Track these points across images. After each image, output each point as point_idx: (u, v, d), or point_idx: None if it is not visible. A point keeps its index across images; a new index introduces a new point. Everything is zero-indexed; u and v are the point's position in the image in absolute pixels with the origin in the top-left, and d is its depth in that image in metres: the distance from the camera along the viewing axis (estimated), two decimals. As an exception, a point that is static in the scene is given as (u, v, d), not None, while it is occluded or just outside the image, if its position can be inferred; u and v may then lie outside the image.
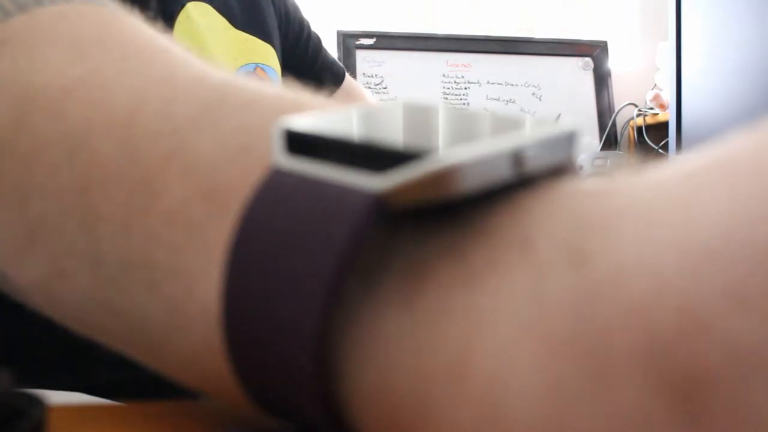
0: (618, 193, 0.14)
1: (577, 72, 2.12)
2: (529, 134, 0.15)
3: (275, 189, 0.15)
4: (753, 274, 0.11)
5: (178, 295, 0.17)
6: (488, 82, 2.09)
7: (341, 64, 0.94)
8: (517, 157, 0.14)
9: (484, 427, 0.13)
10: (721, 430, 0.11)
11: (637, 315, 0.12)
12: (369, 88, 1.98)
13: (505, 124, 0.16)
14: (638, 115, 2.03)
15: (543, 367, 0.12)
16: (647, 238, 0.12)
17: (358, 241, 0.13)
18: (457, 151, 0.13)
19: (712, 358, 0.11)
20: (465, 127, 0.16)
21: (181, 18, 0.64)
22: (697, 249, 0.11)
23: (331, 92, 0.90)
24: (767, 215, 0.11)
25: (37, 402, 0.17)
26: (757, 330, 0.11)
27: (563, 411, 0.12)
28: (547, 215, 0.14)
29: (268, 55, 0.75)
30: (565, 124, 0.16)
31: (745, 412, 0.11)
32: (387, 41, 2.04)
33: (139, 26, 0.23)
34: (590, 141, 2.04)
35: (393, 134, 0.16)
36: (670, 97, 1.56)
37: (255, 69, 0.72)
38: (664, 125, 1.74)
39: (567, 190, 0.14)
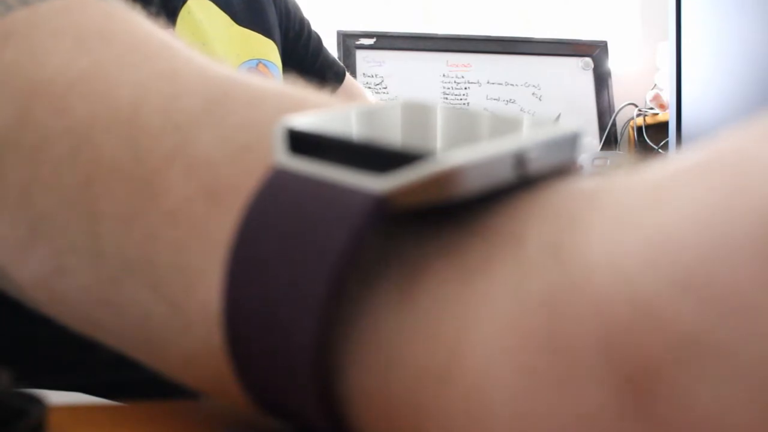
0: (602, 191, 0.14)
1: (577, 72, 2.12)
2: (531, 136, 0.15)
3: (277, 189, 0.15)
4: (702, 263, 0.11)
5: (179, 293, 0.17)
6: (488, 82, 2.09)
7: (341, 64, 0.94)
8: (519, 159, 0.14)
9: (472, 427, 0.13)
10: (666, 419, 0.11)
11: (599, 308, 0.12)
12: (369, 88, 1.98)
13: (506, 125, 0.16)
14: (638, 115, 2.03)
15: (523, 363, 0.12)
16: (616, 233, 0.12)
17: (359, 243, 0.13)
18: (460, 153, 0.13)
19: (657, 347, 0.11)
20: (467, 127, 0.16)
21: (183, 14, 0.65)
22: (660, 242, 0.12)
23: (332, 92, 0.90)
24: (734, 209, 0.11)
25: (37, 402, 0.17)
26: (701, 318, 0.11)
27: (538, 407, 0.12)
28: (539, 214, 0.14)
29: (269, 50, 0.75)
30: (568, 126, 0.16)
31: (688, 401, 0.11)
32: (387, 41, 2.04)
33: (140, 21, 0.23)
34: (590, 141, 2.04)
35: (395, 134, 0.16)
36: (670, 97, 1.56)
37: (257, 65, 0.73)
38: (664, 125, 1.74)
39: (563, 190, 0.14)
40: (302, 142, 0.15)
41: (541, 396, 0.12)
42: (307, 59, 0.86)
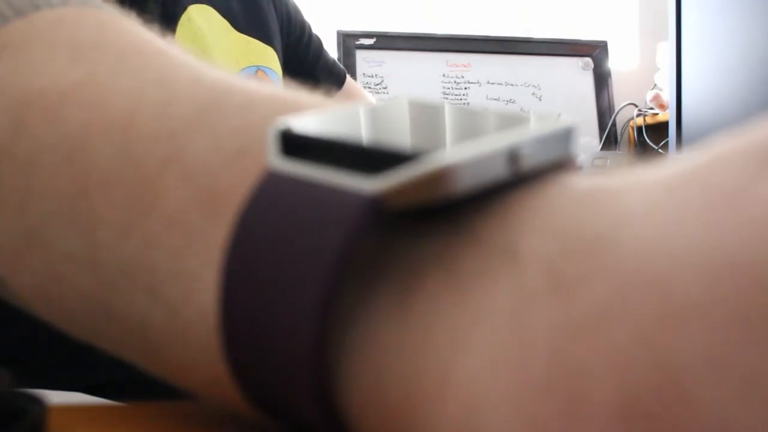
0: (605, 207, 0.13)
1: (577, 72, 2.12)
2: (524, 132, 0.15)
3: (270, 192, 0.15)
4: (730, 339, 0.10)
5: (177, 299, 0.17)
6: (488, 82, 2.09)
7: (342, 67, 0.94)
8: (512, 156, 0.14)
9: None
10: None
11: (615, 364, 0.11)
12: (369, 88, 1.98)
13: (509, 122, 0.15)
14: (638, 115, 2.03)
15: (519, 406, 0.12)
16: (629, 271, 0.12)
17: (354, 244, 0.13)
18: (453, 151, 0.13)
19: (688, 425, 0.10)
20: (463, 123, 0.16)
21: (183, 20, 0.64)
22: (678, 296, 0.11)
23: (332, 95, 0.89)
24: (747, 264, 0.11)
25: (37, 402, 0.17)
26: (737, 405, 0.10)
27: None
28: (535, 224, 0.13)
29: (269, 57, 0.75)
30: (561, 120, 0.15)
31: None
32: (387, 41, 2.04)
33: (136, 29, 0.23)
34: (590, 141, 2.04)
35: (391, 134, 0.16)
36: (670, 97, 1.55)
37: (257, 72, 0.72)
38: (664, 125, 1.73)
39: (559, 194, 0.14)
40: (297, 145, 0.15)
41: None
42: (307, 62, 0.86)
